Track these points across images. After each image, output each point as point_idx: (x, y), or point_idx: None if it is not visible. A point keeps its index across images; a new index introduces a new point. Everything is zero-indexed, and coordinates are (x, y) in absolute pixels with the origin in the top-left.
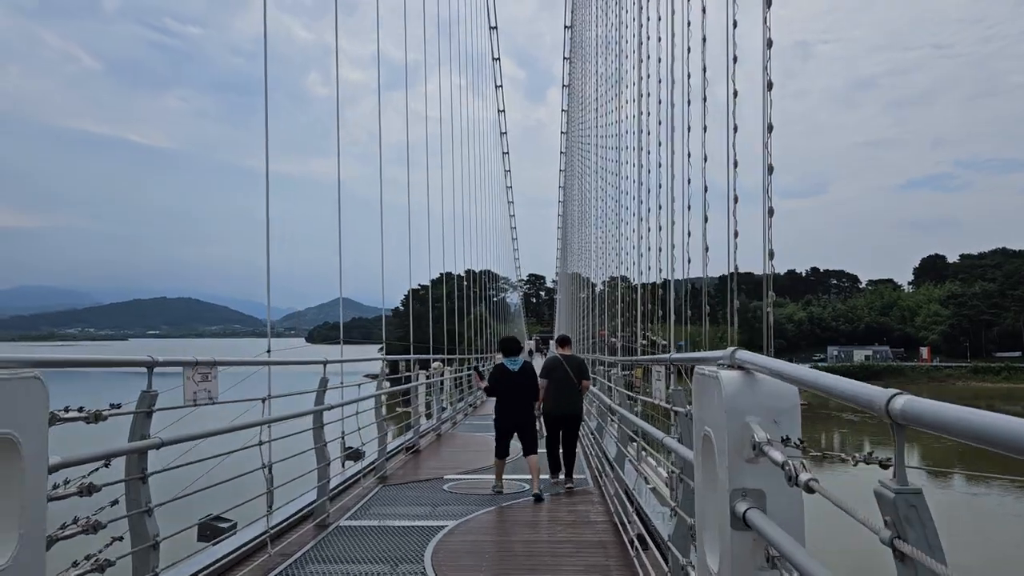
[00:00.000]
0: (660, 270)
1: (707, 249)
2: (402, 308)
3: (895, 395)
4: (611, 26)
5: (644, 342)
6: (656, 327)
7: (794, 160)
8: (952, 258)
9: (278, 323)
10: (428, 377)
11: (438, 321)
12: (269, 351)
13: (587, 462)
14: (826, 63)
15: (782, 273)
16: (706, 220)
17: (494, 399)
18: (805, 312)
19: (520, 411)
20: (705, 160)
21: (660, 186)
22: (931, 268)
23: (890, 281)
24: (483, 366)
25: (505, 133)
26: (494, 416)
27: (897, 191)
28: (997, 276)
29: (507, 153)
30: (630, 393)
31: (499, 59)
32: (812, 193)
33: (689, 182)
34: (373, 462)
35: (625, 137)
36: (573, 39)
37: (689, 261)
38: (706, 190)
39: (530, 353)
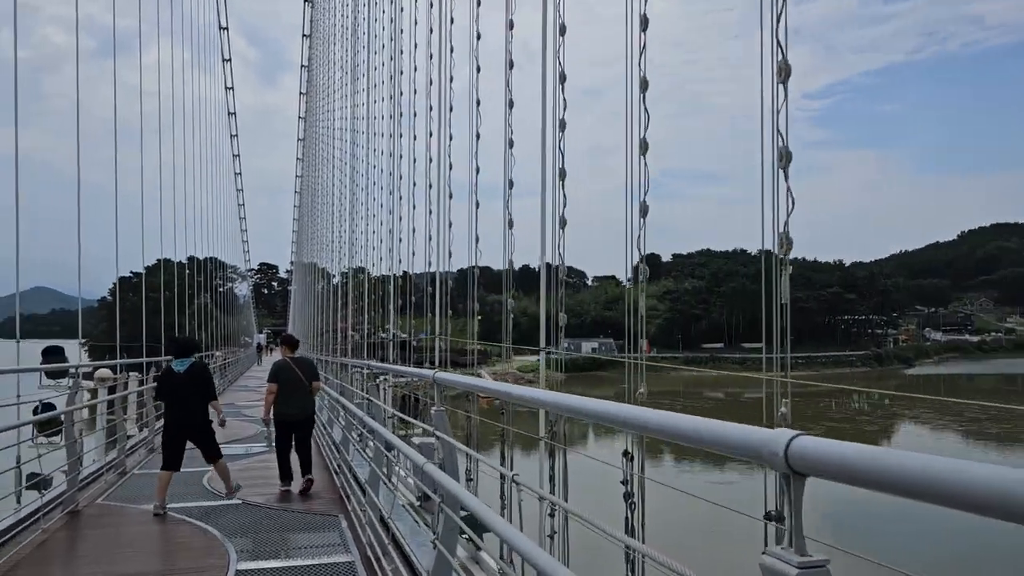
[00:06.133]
0: (400, 261)
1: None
2: (110, 298)
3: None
4: (359, 15)
5: (384, 335)
6: (401, 320)
7: (528, 161)
8: (666, 257)
9: None
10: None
11: (156, 313)
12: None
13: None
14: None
15: (516, 268)
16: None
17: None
18: (537, 306)
19: (185, 413)
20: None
21: (415, 184)
22: (649, 266)
23: (613, 278)
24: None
25: (234, 113)
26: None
27: (616, 194)
28: (704, 274)
29: (236, 136)
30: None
31: (227, 28)
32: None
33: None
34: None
35: (374, 135)
36: (315, 17)
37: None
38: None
39: (259, 349)
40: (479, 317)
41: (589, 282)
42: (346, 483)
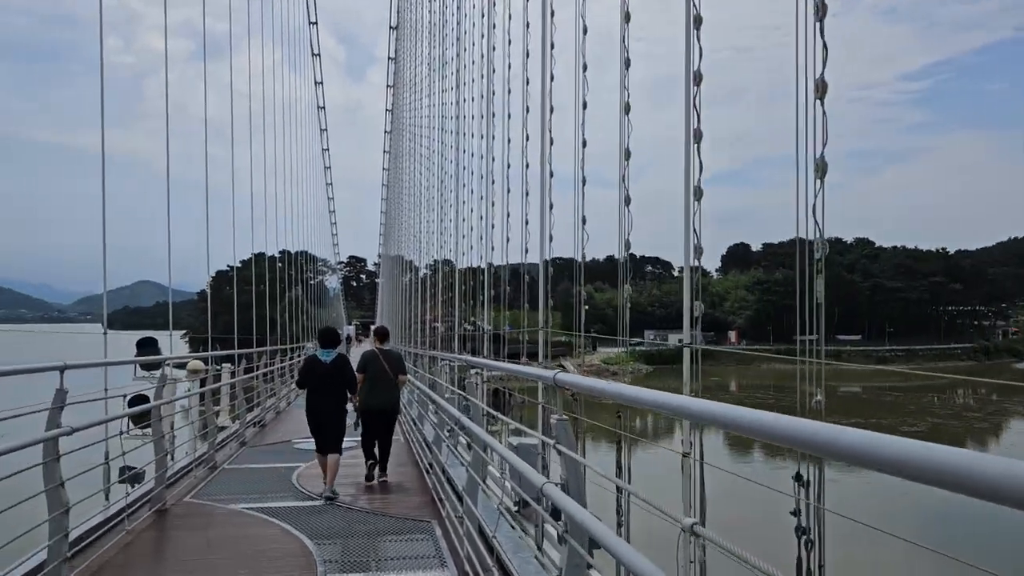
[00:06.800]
0: (491, 252)
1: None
2: (208, 291)
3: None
4: (446, 5)
5: (468, 326)
6: (495, 312)
7: (611, 149)
8: (755, 247)
9: (70, 307)
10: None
11: (249, 306)
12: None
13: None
14: (635, 59)
15: (601, 259)
16: (551, 207)
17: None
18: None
19: (326, 403)
20: (551, 142)
21: (509, 165)
22: (737, 256)
23: (700, 268)
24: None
25: (323, 108)
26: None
27: (703, 183)
28: (795, 263)
29: (325, 130)
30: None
31: (316, 23)
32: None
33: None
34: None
35: (468, 120)
36: (402, 7)
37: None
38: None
39: (348, 340)
40: (586, 307)
41: (676, 272)
42: (438, 484)
